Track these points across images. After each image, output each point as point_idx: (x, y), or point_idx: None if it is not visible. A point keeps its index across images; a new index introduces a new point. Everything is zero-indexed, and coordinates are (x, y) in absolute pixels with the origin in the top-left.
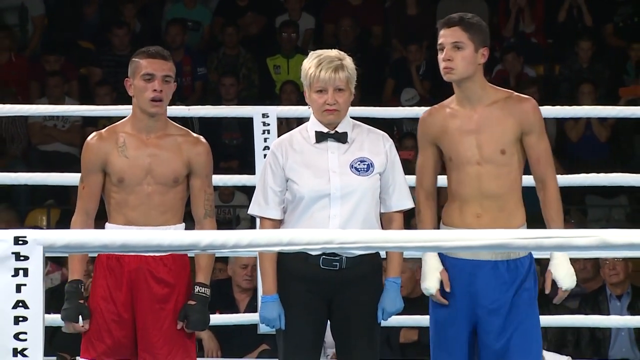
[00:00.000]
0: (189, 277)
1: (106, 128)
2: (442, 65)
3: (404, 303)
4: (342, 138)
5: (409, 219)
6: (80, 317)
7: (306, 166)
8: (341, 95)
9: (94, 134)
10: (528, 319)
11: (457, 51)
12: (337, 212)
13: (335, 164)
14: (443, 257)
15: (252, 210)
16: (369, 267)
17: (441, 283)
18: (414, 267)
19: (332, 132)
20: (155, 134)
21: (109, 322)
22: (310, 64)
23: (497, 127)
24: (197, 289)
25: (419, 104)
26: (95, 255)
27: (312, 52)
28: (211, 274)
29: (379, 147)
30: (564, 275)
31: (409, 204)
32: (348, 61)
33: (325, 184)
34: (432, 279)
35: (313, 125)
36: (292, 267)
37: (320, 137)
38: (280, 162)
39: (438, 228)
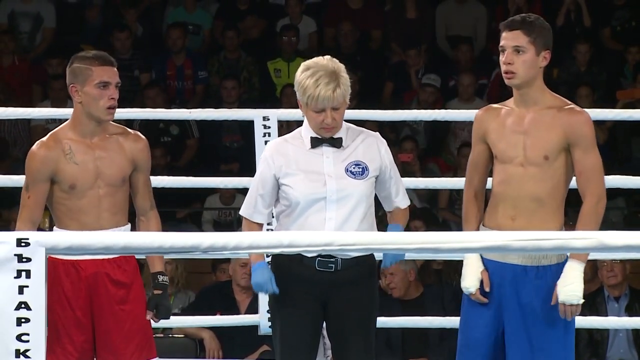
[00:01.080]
0: (140, 276)
1: (48, 136)
2: (502, 68)
3: (398, 305)
4: (337, 143)
5: (409, 221)
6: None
7: (302, 171)
8: (338, 113)
9: (37, 143)
10: (556, 327)
11: (518, 55)
12: (332, 215)
13: (330, 168)
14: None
15: (243, 211)
16: (364, 268)
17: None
18: (407, 268)
19: (327, 137)
20: (98, 136)
21: (68, 327)
22: (306, 81)
23: (544, 133)
24: (160, 278)
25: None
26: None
27: (305, 63)
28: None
29: (374, 151)
30: (563, 287)
31: (408, 201)
32: (343, 74)
33: (321, 187)
34: (472, 279)
35: (307, 132)
36: (288, 268)
37: (316, 142)
38: (272, 169)
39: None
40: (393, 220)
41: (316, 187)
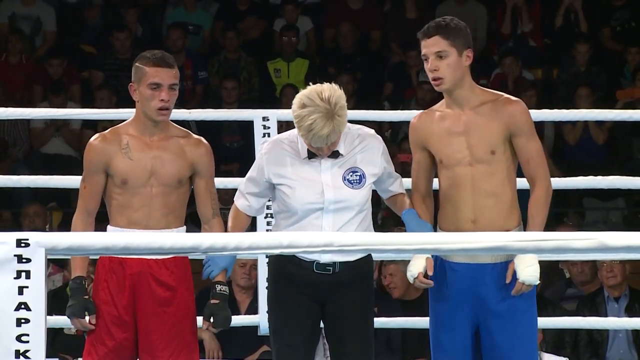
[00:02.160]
0: (191, 280)
1: (109, 129)
2: (430, 76)
3: (399, 305)
4: (334, 155)
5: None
6: (86, 312)
7: (298, 179)
8: (334, 144)
9: (97, 135)
10: (528, 318)
11: (441, 60)
12: (329, 224)
13: (328, 178)
14: (442, 262)
15: (236, 199)
16: (361, 270)
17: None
18: (405, 269)
19: None
20: (158, 136)
21: (110, 324)
22: (302, 121)
23: (485, 129)
24: (218, 287)
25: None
26: (97, 257)
27: (302, 98)
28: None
29: (372, 156)
30: (524, 268)
31: (403, 184)
32: (339, 111)
33: (318, 197)
34: (416, 264)
35: (304, 145)
36: (286, 269)
37: (312, 154)
38: (264, 175)
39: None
40: (401, 205)
41: (314, 196)
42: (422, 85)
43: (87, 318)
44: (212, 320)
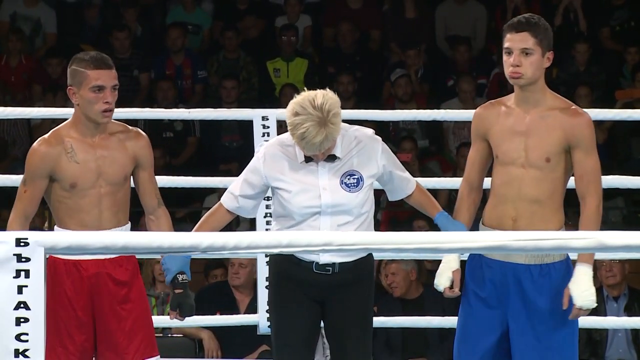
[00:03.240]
0: (140, 274)
1: (50, 133)
2: (509, 69)
3: (399, 304)
4: (330, 158)
5: (411, 221)
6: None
7: (296, 182)
8: (330, 150)
9: (39, 140)
10: (562, 325)
11: (526, 57)
12: (327, 227)
13: (325, 181)
14: (480, 258)
15: (224, 199)
16: (362, 270)
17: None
18: (407, 268)
19: None
20: (99, 136)
21: (69, 327)
22: (295, 129)
23: (546, 135)
24: (179, 277)
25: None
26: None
27: (295, 105)
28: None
29: (370, 159)
30: (580, 292)
31: (414, 184)
32: (333, 119)
33: (315, 200)
34: (443, 277)
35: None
36: (286, 269)
37: (309, 158)
38: (262, 178)
39: (475, 227)
40: (426, 205)
41: (311, 200)
42: (396, 82)
43: None
44: (178, 310)
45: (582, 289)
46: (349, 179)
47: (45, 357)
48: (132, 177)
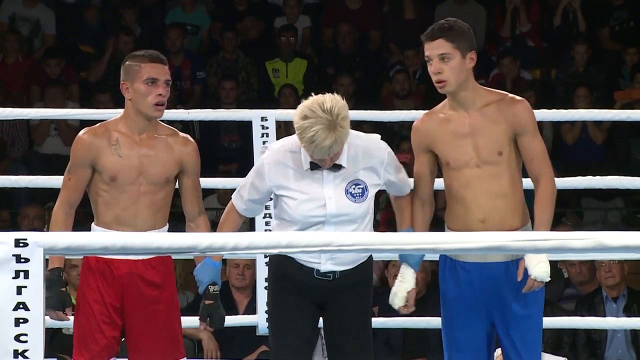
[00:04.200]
0: (174, 276)
1: (98, 125)
2: (434, 78)
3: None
4: (336, 168)
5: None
6: (63, 305)
7: (301, 191)
8: (337, 155)
9: (86, 129)
10: (536, 314)
11: (445, 62)
12: (331, 231)
13: (330, 191)
14: (453, 262)
15: (234, 198)
16: (361, 274)
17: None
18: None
19: None
20: (147, 134)
21: (101, 323)
22: (303, 133)
23: (492, 130)
24: (210, 288)
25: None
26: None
27: (304, 109)
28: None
29: (375, 168)
30: (535, 264)
31: (409, 189)
32: (342, 122)
33: (320, 209)
34: (398, 297)
35: (307, 155)
36: (286, 271)
37: (315, 166)
38: (266, 185)
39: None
40: (401, 214)
41: (316, 209)
42: (418, 86)
43: (66, 311)
44: (208, 320)
45: (537, 261)
46: (354, 188)
47: (75, 352)
48: (176, 181)
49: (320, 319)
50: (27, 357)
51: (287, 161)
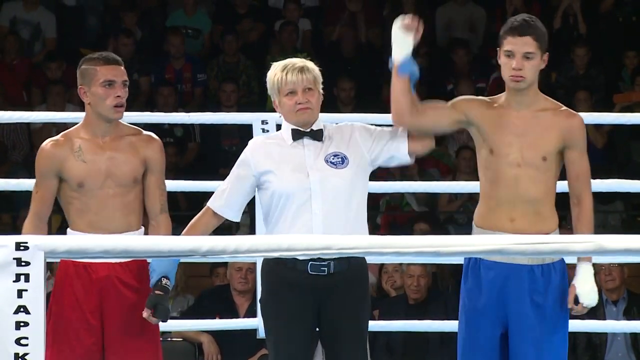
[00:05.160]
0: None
1: (60, 134)
2: (509, 72)
3: (403, 307)
4: (317, 136)
5: (411, 224)
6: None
7: (284, 165)
8: (311, 94)
9: (48, 140)
10: (560, 322)
11: (528, 60)
12: (318, 207)
13: (311, 160)
14: (477, 261)
15: (211, 203)
16: (356, 272)
17: None
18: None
19: (308, 130)
20: (110, 136)
21: (78, 329)
22: (275, 71)
23: (542, 135)
24: (163, 280)
25: None
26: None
27: (274, 63)
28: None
29: (350, 139)
30: (587, 291)
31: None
32: (311, 64)
33: (304, 179)
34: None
35: (287, 127)
36: (281, 275)
37: (297, 135)
38: (251, 169)
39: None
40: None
41: (300, 179)
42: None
43: None
44: (153, 310)
45: (588, 287)
46: (333, 158)
47: (53, 356)
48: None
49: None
50: None
51: (269, 144)
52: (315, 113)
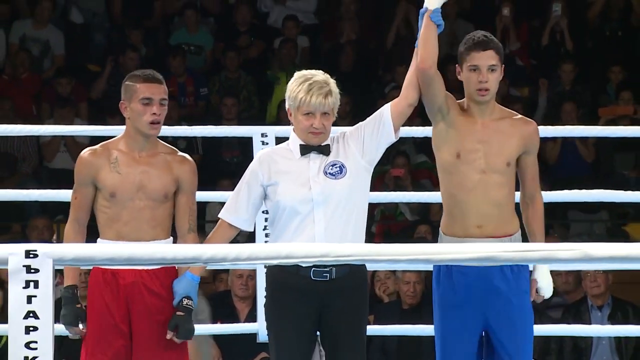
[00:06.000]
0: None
1: (100, 145)
2: (476, 86)
3: (397, 312)
4: (324, 151)
5: (411, 232)
6: (79, 320)
7: (290, 178)
8: (327, 119)
9: (87, 149)
10: (529, 318)
11: (492, 73)
12: (320, 216)
13: (314, 173)
14: (449, 267)
15: (223, 214)
16: (356, 278)
17: None
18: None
19: (315, 146)
20: (146, 152)
21: (108, 333)
22: (299, 87)
23: (505, 141)
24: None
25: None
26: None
27: (298, 73)
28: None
29: (345, 147)
30: (547, 284)
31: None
32: (333, 86)
33: (307, 191)
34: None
35: (295, 141)
36: (284, 280)
37: (305, 150)
38: (259, 179)
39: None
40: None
41: (303, 192)
42: (390, 93)
43: (80, 326)
44: (176, 330)
45: (547, 282)
46: (331, 168)
47: (86, 358)
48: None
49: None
50: None
51: (277, 156)
52: (327, 136)
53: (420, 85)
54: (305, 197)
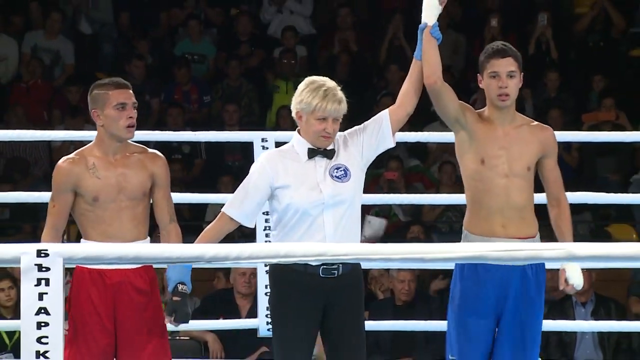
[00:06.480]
0: (157, 284)
1: (75, 152)
2: (497, 91)
3: (391, 308)
4: (330, 154)
5: (404, 232)
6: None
7: (299, 182)
8: (336, 124)
9: (64, 158)
10: (541, 315)
11: (511, 79)
12: (330, 219)
13: (322, 176)
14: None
15: (227, 209)
16: (356, 274)
17: None
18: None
19: (322, 149)
20: (120, 154)
21: (94, 332)
22: (314, 93)
23: (525, 147)
24: (179, 287)
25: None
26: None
27: (310, 79)
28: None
29: (346, 150)
30: (579, 275)
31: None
32: (342, 93)
33: (318, 195)
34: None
35: (303, 144)
36: (291, 277)
37: (312, 153)
38: (268, 178)
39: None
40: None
41: (314, 196)
42: (382, 100)
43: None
44: (173, 316)
45: (578, 271)
46: (336, 171)
47: (71, 357)
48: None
49: None
50: (47, 358)
51: (284, 158)
52: (333, 140)
53: (431, 99)
54: (317, 200)
